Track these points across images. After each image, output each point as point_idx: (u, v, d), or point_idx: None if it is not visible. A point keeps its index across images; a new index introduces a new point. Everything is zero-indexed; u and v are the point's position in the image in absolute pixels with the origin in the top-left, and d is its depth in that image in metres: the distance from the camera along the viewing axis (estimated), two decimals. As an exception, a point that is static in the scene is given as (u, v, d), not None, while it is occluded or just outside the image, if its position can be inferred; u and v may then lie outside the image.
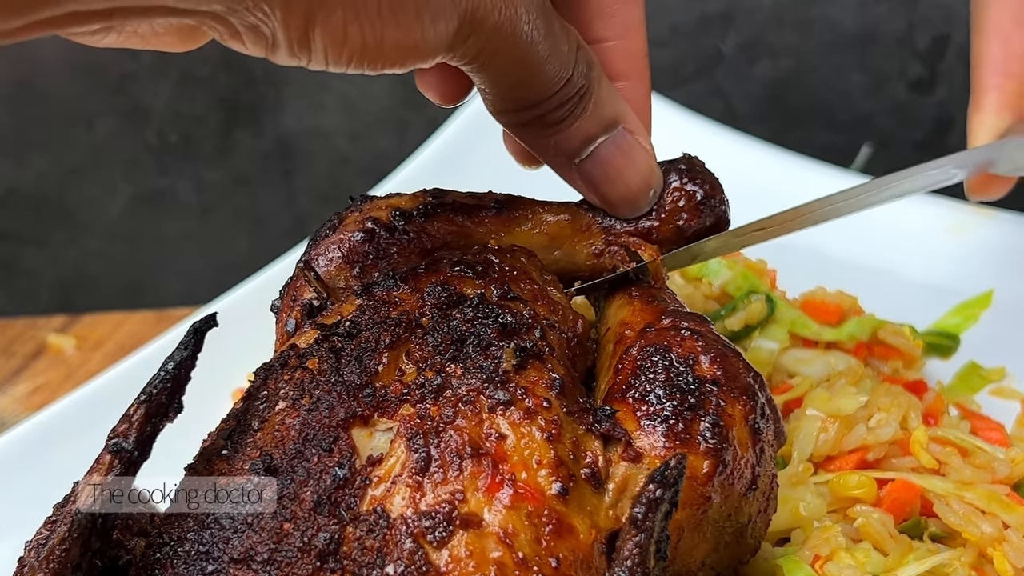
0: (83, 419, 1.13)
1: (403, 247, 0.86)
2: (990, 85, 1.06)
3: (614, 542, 0.65)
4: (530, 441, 0.68)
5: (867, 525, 0.89)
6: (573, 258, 0.90)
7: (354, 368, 0.72)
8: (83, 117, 1.98)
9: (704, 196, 0.90)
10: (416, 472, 0.66)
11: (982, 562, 0.89)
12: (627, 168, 0.85)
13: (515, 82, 0.77)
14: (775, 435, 0.78)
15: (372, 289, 0.80)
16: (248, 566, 0.64)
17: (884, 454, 0.96)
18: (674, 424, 0.72)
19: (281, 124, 2.00)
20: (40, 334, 1.62)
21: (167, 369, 0.72)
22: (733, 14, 1.87)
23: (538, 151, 0.85)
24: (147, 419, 0.70)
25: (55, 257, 2.08)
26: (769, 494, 0.78)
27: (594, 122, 0.82)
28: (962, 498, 0.91)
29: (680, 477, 0.64)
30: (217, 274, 1.75)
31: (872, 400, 0.99)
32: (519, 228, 0.90)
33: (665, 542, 0.63)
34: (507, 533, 0.64)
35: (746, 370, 0.77)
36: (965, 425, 1.04)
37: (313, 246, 0.88)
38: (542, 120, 0.80)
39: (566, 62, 0.78)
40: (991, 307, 1.26)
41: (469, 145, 1.52)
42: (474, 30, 0.70)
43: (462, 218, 0.89)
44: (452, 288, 0.78)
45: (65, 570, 0.66)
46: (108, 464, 0.69)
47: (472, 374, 0.71)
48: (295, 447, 0.69)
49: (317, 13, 0.62)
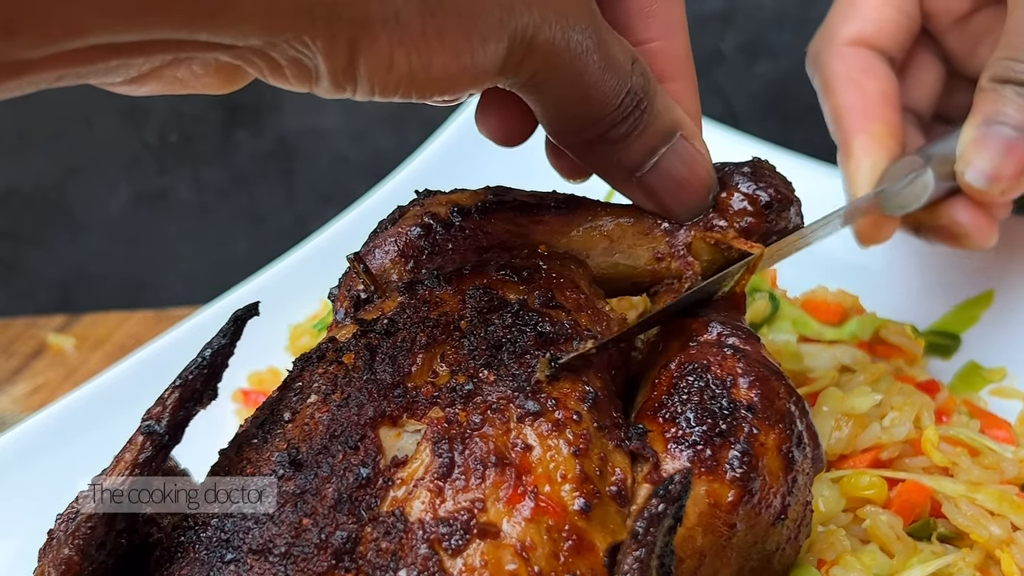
0: (83, 419, 1.13)
1: (459, 244, 0.84)
2: (856, 130, 1.07)
3: (615, 555, 0.64)
4: (556, 454, 0.67)
5: (874, 527, 0.89)
6: (633, 261, 0.87)
7: (388, 367, 0.72)
8: (83, 117, 1.98)
9: (769, 200, 0.87)
10: (438, 477, 0.66)
11: (988, 563, 0.89)
12: (689, 176, 0.83)
13: (574, 100, 0.74)
14: (812, 462, 0.76)
15: (415, 287, 0.79)
16: (265, 558, 0.64)
17: (898, 453, 0.96)
18: (702, 450, 0.70)
19: (281, 124, 1.99)
20: (40, 334, 1.62)
21: (204, 355, 0.73)
22: (733, 14, 1.87)
23: (599, 169, 0.83)
24: (180, 404, 0.71)
25: (55, 257, 2.08)
26: (801, 522, 0.76)
27: (655, 134, 0.79)
28: (973, 500, 0.91)
29: (685, 493, 0.62)
30: (217, 274, 1.75)
31: (885, 399, 0.99)
32: (579, 229, 0.87)
33: (669, 558, 0.62)
34: (525, 546, 0.63)
35: (787, 395, 0.75)
36: (975, 424, 1.03)
37: (372, 238, 0.87)
38: (605, 138, 0.77)
39: (624, 74, 0.74)
40: (991, 307, 1.26)
41: (470, 145, 1.52)
42: (527, 50, 0.67)
43: (521, 217, 0.86)
44: (494, 292, 0.77)
45: (90, 547, 0.67)
46: (140, 445, 0.70)
47: (504, 382, 0.70)
48: (322, 442, 0.69)
49: (361, 41, 0.60)
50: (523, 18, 0.66)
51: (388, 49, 0.61)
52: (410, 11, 0.60)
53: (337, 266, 1.36)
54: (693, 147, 0.82)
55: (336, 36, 0.59)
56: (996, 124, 0.99)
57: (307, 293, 1.32)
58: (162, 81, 0.67)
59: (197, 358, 0.73)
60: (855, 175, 1.06)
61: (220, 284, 1.40)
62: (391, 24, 0.60)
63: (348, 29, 0.59)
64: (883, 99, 1.09)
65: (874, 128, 1.07)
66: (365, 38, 0.60)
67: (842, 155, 1.09)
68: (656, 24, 0.82)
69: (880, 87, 1.09)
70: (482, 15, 0.64)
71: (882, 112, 1.08)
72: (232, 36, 0.56)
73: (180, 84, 0.68)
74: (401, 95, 0.65)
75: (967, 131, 1.01)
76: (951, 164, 1.01)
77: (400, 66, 0.62)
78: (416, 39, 0.61)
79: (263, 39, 0.58)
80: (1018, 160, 0.99)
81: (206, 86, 0.70)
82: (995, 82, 1.00)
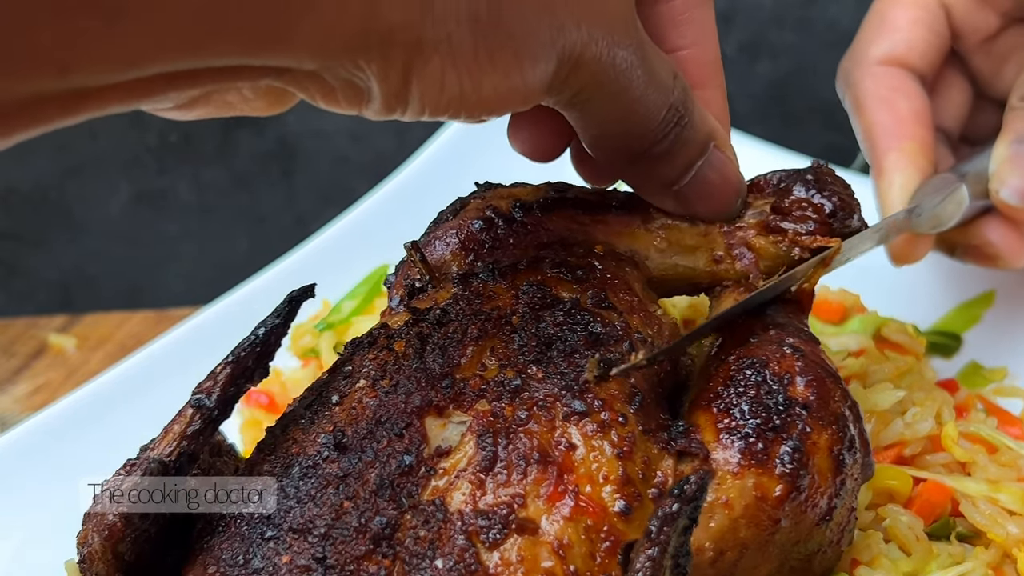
0: (84, 419, 1.13)
1: (520, 239, 0.84)
2: (888, 148, 1.07)
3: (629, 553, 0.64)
4: (600, 455, 0.67)
5: (894, 527, 0.88)
6: (692, 263, 0.87)
7: (437, 357, 0.72)
8: (83, 117, 1.98)
9: (833, 209, 0.86)
10: (481, 470, 0.66)
11: (1005, 562, 0.89)
12: (721, 185, 0.83)
13: (618, 117, 0.73)
14: (862, 468, 0.76)
15: (470, 280, 0.79)
16: (305, 537, 0.65)
17: (920, 449, 0.96)
18: (754, 443, 0.70)
19: (281, 124, 1.99)
20: (41, 334, 1.61)
21: (258, 334, 0.74)
22: (733, 14, 1.87)
23: (635, 182, 0.83)
24: (231, 380, 0.73)
25: (55, 257, 2.07)
26: (845, 527, 0.76)
27: (693, 147, 0.79)
28: (995, 500, 0.90)
29: (701, 493, 0.62)
30: (217, 274, 1.75)
31: (906, 396, 0.99)
32: (638, 230, 0.86)
33: (685, 558, 0.62)
34: (562, 544, 0.64)
35: (842, 399, 0.75)
36: (991, 421, 1.03)
37: (432, 228, 0.87)
38: (649, 154, 0.77)
39: (667, 89, 0.74)
40: (993, 307, 1.26)
41: (470, 146, 1.52)
42: (573, 68, 0.67)
43: (582, 215, 0.86)
44: (548, 289, 0.77)
45: (133, 515, 0.68)
46: (189, 418, 0.71)
47: (552, 379, 0.71)
48: (368, 427, 0.69)
49: (414, 63, 0.60)
50: (571, 36, 0.66)
51: (440, 71, 0.61)
52: (462, 33, 0.60)
53: (338, 266, 1.37)
54: (724, 155, 0.82)
55: (391, 59, 0.59)
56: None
57: (308, 293, 1.31)
58: (211, 105, 0.67)
59: (251, 335, 0.74)
60: (887, 193, 1.05)
61: (220, 284, 1.40)
62: (443, 47, 0.60)
63: (402, 53, 0.59)
64: (915, 118, 1.08)
65: (906, 146, 1.06)
66: (419, 61, 0.60)
67: (874, 173, 1.08)
68: (690, 31, 0.82)
69: (912, 106, 1.09)
70: (533, 35, 0.64)
71: (914, 130, 1.07)
72: (288, 61, 0.56)
73: (229, 107, 0.69)
74: (450, 115, 0.65)
75: (999, 149, 1.00)
76: (984, 182, 1.01)
77: (452, 87, 0.62)
78: (468, 61, 0.61)
79: (318, 63, 0.58)
80: None
81: (255, 109, 0.70)
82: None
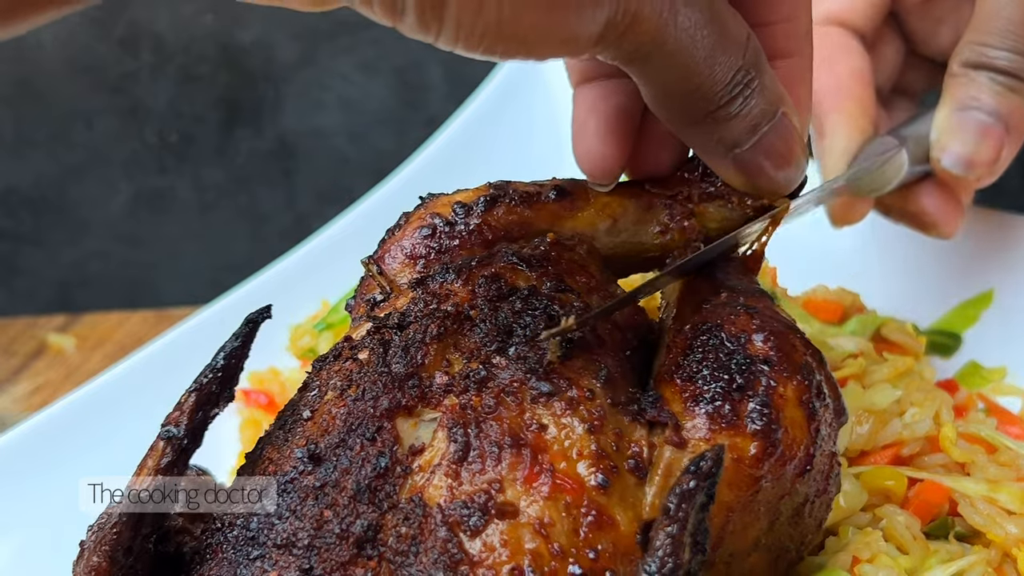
0: (83, 419, 1.13)
1: (465, 240, 0.85)
2: (830, 109, 1.07)
3: (648, 532, 0.65)
4: (571, 432, 0.68)
5: (891, 527, 0.88)
6: (639, 238, 0.88)
7: (401, 358, 0.73)
8: (83, 116, 1.98)
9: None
10: (455, 461, 0.67)
11: (1006, 561, 0.88)
12: (786, 154, 0.79)
13: (681, 76, 0.71)
14: (835, 414, 0.76)
15: (426, 282, 0.80)
16: (290, 551, 0.66)
17: (918, 450, 0.96)
18: (720, 406, 0.70)
19: (281, 124, 1.99)
20: (40, 334, 1.62)
21: (218, 360, 0.74)
22: (733, 13, 1.87)
23: (697, 144, 0.80)
24: (197, 407, 0.73)
25: (55, 257, 2.07)
26: (828, 473, 0.76)
27: (760, 111, 0.76)
28: (994, 500, 0.90)
29: (717, 469, 0.63)
30: (217, 274, 1.75)
31: (904, 396, 0.99)
32: (581, 212, 0.87)
33: (703, 535, 0.62)
34: (543, 524, 0.64)
35: (804, 348, 0.75)
36: (991, 421, 1.03)
37: (380, 245, 0.89)
38: (714, 116, 0.74)
39: (738, 50, 0.72)
40: (992, 306, 1.26)
41: (470, 145, 1.52)
42: (631, 24, 0.64)
43: (523, 207, 0.87)
44: (503, 280, 0.78)
45: (117, 552, 0.69)
46: (161, 450, 0.72)
47: (516, 365, 0.71)
48: (340, 436, 0.70)
49: None
50: None
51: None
52: None
53: (337, 266, 1.37)
54: (792, 125, 0.79)
55: None
56: (970, 109, 0.99)
57: (307, 293, 1.31)
58: None
59: (211, 362, 0.74)
60: (828, 155, 1.06)
61: (220, 284, 1.40)
62: None
63: None
64: (856, 78, 1.08)
65: (847, 107, 1.06)
66: None
67: (815, 135, 1.09)
68: (783, 5, 0.80)
69: (852, 65, 1.09)
70: None
71: (855, 90, 1.08)
72: None
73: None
74: (485, 48, 0.62)
75: (941, 116, 1.01)
76: (923, 147, 1.02)
77: (490, 11, 0.60)
78: None
79: None
80: (994, 145, 0.99)
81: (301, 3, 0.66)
82: (967, 67, 1.01)
